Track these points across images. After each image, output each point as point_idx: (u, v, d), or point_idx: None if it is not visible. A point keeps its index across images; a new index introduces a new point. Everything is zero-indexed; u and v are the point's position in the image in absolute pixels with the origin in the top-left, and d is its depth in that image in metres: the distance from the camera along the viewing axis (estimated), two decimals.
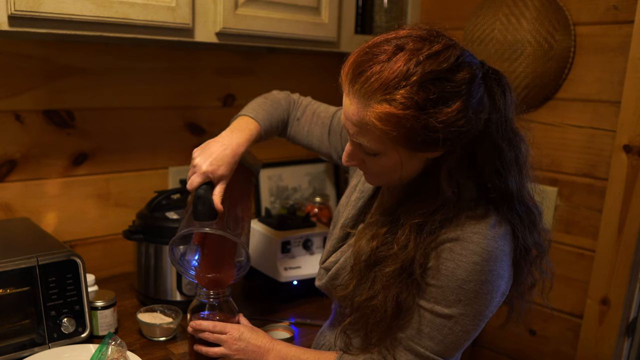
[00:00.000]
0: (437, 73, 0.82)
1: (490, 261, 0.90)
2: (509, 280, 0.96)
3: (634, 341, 1.56)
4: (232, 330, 1.11)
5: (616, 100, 1.48)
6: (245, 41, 1.46)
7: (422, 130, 0.83)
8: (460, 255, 0.91)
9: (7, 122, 1.43)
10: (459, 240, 0.91)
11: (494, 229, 0.91)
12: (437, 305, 0.93)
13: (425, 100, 0.81)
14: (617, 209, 1.48)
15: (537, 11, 1.55)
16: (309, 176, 2.08)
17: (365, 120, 0.85)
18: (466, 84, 0.83)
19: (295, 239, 1.58)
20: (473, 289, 0.91)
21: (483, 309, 0.93)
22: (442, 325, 0.93)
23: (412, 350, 0.95)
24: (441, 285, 0.92)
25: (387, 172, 0.94)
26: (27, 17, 1.10)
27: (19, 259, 1.15)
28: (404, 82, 0.81)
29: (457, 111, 0.82)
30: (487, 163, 0.91)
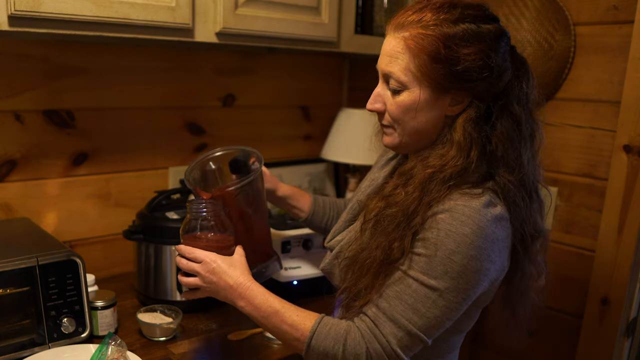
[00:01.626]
0: (469, 18, 0.93)
1: (481, 238, 0.91)
2: (500, 269, 0.96)
3: (634, 341, 1.56)
4: (206, 260, 1.03)
5: (616, 100, 1.48)
6: (245, 41, 1.46)
7: (442, 62, 0.92)
8: (450, 225, 0.91)
9: (7, 122, 1.43)
10: (450, 211, 0.92)
11: (487, 208, 0.92)
12: (424, 275, 0.92)
13: (450, 33, 0.92)
14: (617, 209, 1.48)
15: (537, 11, 1.55)
16: (309, 176, 2.08)
17: (398, 48, 0.95)
18: (491, 35, 0.94)
19: (295, 239, 1.58)
20: (461, 262, 0.91)
21: (468, 287, 0.92)
22: (426, 297, 0.92)
23: (394, 320, 0.94)
24: (429, 254, 0.92)
25: (405, 116, 0.98)
26: (27, 17, 1.10)
27: (19, 259, 1.15)
28: (438, 20, 0.93)
29: (477, 54, 0.92)
30: (502, 126, 0.95)
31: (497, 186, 0.95)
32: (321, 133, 2.05)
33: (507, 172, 0.96)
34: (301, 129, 2.06)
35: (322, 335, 0.96)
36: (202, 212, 1.08)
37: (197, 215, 1.09)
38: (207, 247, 1.06)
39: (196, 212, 1.08)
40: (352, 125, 1.89)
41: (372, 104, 1.02)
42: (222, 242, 1.08)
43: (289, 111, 2.02)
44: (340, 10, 1.64)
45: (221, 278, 1.02)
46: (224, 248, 1.08)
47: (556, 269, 1.65)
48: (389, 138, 1.04)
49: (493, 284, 0.98)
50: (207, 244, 1.07)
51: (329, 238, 1.20)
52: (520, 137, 0.97)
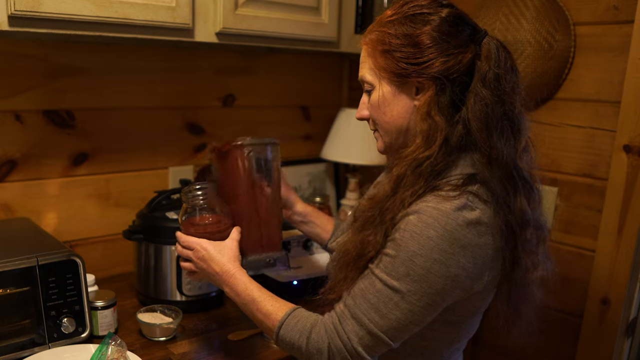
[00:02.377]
0: (419, 8, 0.98)
1: (447, 242, 0.89)
2: (477, 277, 0.94)
3: (634, 341, 1.56)
4: (197, 247, 1.09)
5: (616, 100, 1.48)
6: (245, 41, 1.46)
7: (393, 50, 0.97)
8: (416, 227, 0.90)
9: (7, 122, 1.43)
10: (419, 212, 0.91)
11: (459, 211, 0.90)
12: (387, 275, 0.92)
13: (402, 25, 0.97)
14: (617, 209, 1.48)
15: (537, 11, 1.55)
16: (309, 176, 2.08)
17: (363, 53, 1.03)
18: (440, 19, 0.96)
19: (295, 239, 1.58)
20: (423, 265, 0.90)
21: (433, 292, 0.91)
22: (388, 298, 0.92)
23: (357, 318, 0.94)
24: (394, 255, 0.92)
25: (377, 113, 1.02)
26: (27, 17, 1.10)
27: (19, 259, 1.15)
28: (394, 16, 0.99)
29: (423, 35, 0.95)
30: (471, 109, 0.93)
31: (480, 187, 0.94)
32: (321, 133, 2.05)
33: (482, 157, 0.94)
34: (301, 129, 2.06)
35: (290, 327, 0.99)
36: (195, 196, 1.12)
37: (189, 199, 1.12)
38: (201, 232, 1.10)
39: (188, 196, 1.12)
40: (352, 125, 1.89)
41: (359, 112, 1.07)
42: (215, 226, 1.11)
43: (289, 111, 2.02)
44: (340, 10, 1.64)
45: (209, 265, 1.08)
46: (217, 232, 1.11)
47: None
48: (378, 143, 1.08)
49: (472, 294, 0.96)
50: (201, 229, 1.11)
51: (332, 240, 1.21)
52: (491, 119, 0.94)
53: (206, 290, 1.44)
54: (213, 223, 1.12)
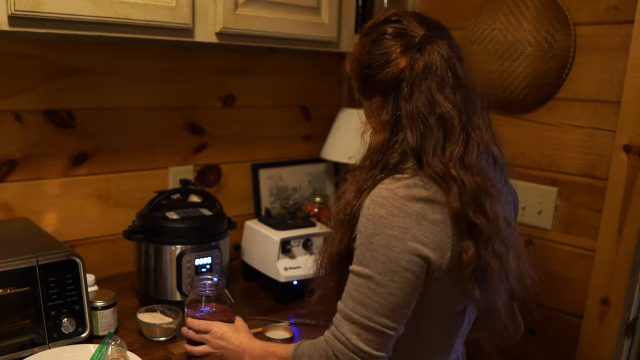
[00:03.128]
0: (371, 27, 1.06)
1: (399, 217, 0.92)
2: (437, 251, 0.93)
3: (634, 341, 1.56)
4: (215, 329, 1.17)
5: (616, 100, 1.48)
6: (245, 41, 1.46)
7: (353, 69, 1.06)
8: (369, 209, 0.94)
9: (7, 122, 1.43)
10: (371, 197, 0.95)
11: (410, 189, 0.93)
12: (359, 265, 0.95)
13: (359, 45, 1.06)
14: (617, 209, 1.48)
15: (537, 11, 1.55)
16: (309, 176, 2.08)
17: None
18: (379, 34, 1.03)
19: (295, 239, 1.58)
20: (382, 244, 0.92)
21: (399, 268, 0.92)
22: (365, 287, 0.94)
23: (349, 318, 0.96)
24: (359, 244, 0.96)
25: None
26: (27, 17, 1.10)
27: (19, 259, 1.15)
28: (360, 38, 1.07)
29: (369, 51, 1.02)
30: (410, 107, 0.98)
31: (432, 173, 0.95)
32: (321, 133, 2.05)
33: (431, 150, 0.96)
34: (301, 129, 2.06)
35: (299, 356, 1.03)
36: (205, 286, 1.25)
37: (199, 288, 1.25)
38: (208, 319, 1.21)
39: (198, 285, 1.25)
40: (352, 125, 1.89)
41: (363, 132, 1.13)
42: (220, 315, 1.23)
43: (289, 111, 2.02)
44: (340, 10, 1.64)
45: (229, 341, 1.16)
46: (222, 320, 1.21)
47: (556, 269, 1.65)
48: None
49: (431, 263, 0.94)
50: (208, 317, 1.22)
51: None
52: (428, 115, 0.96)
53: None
54: (218, 312, 1.24)
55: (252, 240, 1.66)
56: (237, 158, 1.90)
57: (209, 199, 1.57)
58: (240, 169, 1.91)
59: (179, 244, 1.41)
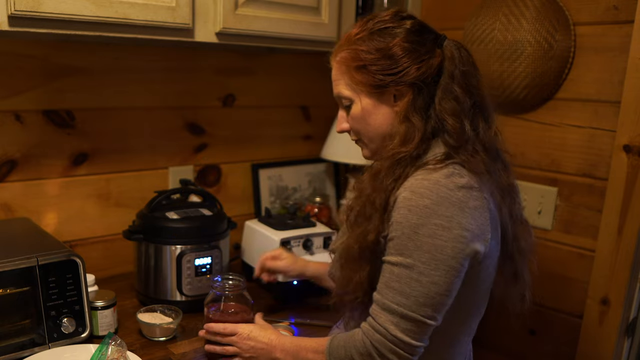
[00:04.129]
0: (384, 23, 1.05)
1: (444, 206, 0.93)
2: (481, 238, 0.97)
3: (634, 341, 1.56)
4: (242, 330, 1.16)
5: (616, 100, 1.48)
6: (245, 41, 1.46)
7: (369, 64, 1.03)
8: (410, 200, 0.95)
9: (7, 122, 1.43)
10: (410, 188, 0.96)
11: (449, 177, 0.95)
12: (399, 256, 0.95)
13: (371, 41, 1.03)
14: (617, 209, 1.48)
15: (537, 11, 1.55)
16: (309, 176, 2.08)
17: (336, 71, 1.08)
18: (403, 30, 1.03)
19: (295, 239, 1.58)
20: (428, 233, 0.93)
21: (445, 257, 0.93)
22: (407, 277, 0.95)
23: (387, 308, 0.96)
24: (399, 235, 0.96)
25: (360, 125, 1.08)
26: (27, 17, 1.10)
27: (19, 259, 1.15)
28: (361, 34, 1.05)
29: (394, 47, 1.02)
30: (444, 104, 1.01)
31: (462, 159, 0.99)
32: (321, 133, 2.05)
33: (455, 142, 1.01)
34: (301, 129, 2.06)
35: (335, 348, 1.03)
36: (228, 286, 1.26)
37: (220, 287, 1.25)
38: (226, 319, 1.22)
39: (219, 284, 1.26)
40: None
41: (338, 126, 1.14)
42: (240, 315, 1.24)
43: (289, 111, 2.02)
44: (340, 10, 1.64)
45: (257, 340, 1.15)
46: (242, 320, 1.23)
47: (556, 269, 1.65)
48: (364, 151, 1.14)
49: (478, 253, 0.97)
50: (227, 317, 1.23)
51: (332, 243, 1.23)
52: (461, 110, 1.01)
53: (206, 290, 1.44)
54: (239, 312, 1.25)
55: (252, 240, 1.66)
56: (237, 158, 1.90)
57: (209, 199, 1.57)
58: (240, 169, 1.91)
59: (179, 244, 1.41)
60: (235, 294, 1.25)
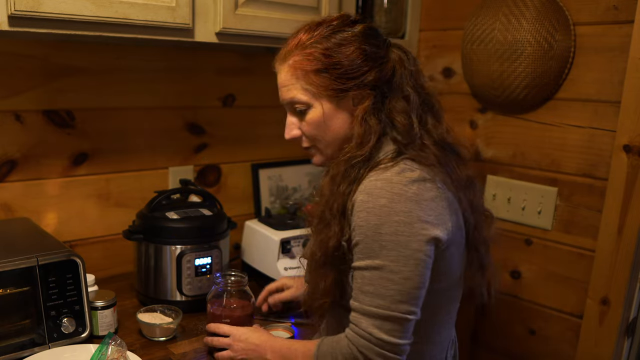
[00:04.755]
0: (336, 27, 1.04)
1: (400, 202, 0.95)
2: (443, 227, 0.98)
3: (634, 341, 1.56)
4: (235, 332, 1.18)
5: (616, 100, 1.48)
6: (245, 41, 1.46)
7: (327, 70, 1.02)
8: (367, 202, 0.96)
9: (7, 122, 1.43)
10: (365, 191, 0.97)
11: (401, 174, 0.97)
12: (367, 259, 0.96)
13: (328, 45, 1.03)
14: (617, 209, 1.48)
15: (537, 11, 1.55)
16: (309, 176, 2.08)
17: (289, 76, 1.06)
18: (360, 34, 1.04)
19: (295, 239, 1.58)
20: (390, 232, 0.94)
21: (410, 251, 0.95)
22: (379, 278, 0.95)
23: (367, 313, 0.97)
24: (362, 238, 0.96)
25: (319, 131, 1.06)
26: (27, 17, 1.10)
27: (19, 259, 1.15)
28: (313, 38, 1.04)
29: (353, 52, 1.02)
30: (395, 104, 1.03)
31: (411, 155, 1.01)
32: None
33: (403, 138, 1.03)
34: None
35: (322, 354, 1.04)
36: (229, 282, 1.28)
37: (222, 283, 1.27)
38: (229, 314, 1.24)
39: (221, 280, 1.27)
40: None
41: (288, 133, 1.11)
42: (240, 310, 1.26)
43: None
44: (340, 11, 1.64)
45: (249, 341, 1.16)
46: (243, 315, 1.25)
47: (556, 269, 1.65)
48: (316, 158, 1.13)
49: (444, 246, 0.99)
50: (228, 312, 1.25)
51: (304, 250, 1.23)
52: (410, 109, 1.04)
53: (206, 290, 1.44)
54: (241, 307, 1.26)
55: (252, 240, 1.66)
56: (237, 158, 1.90)
57: (209, 199, 1.57)
58: (240, 169, 1.91)
59: (179, 244, 1.41)
60: (237, 289, 1.27)
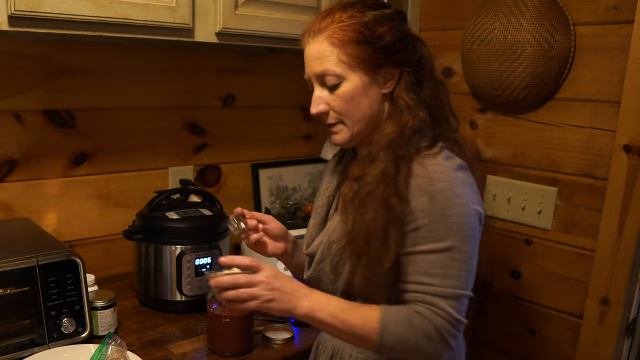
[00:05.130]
0: (371, 7, 1.04)
1: (457, 185, 0.98)
2: (482, 207, 1.03)
3: (634, 341, 1.57)
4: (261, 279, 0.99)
5: (616, 100, 1.48)
6: (245, 41, 1.46)
7: (368, 42, 1.01)
8: (428, 187, 0.97)
9: (7, 122, 1.43)
10: (421, 175, 0.99)
11: (449, 160, 1.01)
12: (435, 242, 0.97)
13: (365, 19, 1.02)
14: (617, 209, 1.48)
15: (537, 11, 1.55)
16: (309, 176, 2.08)
17: (324, 46, 1.02)
18: (395, 15, 1.06)
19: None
20: (454, 213, 0.97)
21: (472, 231, 0.99)
22: (449, 259, 0.97)
23: (440, 294, 0.97)
24: (427, 222, 0.97)
25: (350, 105, 1.04)
26: (27, 17, 1.10)
27: (19, 259, 1.15)
28: (349, 14, 1.03)
29: (393, 29, 1.02)
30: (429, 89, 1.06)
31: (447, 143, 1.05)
32: (321, 133, 2.05)
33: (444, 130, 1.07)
34: (301, 129, 2.06)
35: (392, 325, 0.98)
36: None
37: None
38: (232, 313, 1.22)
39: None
40: None
41: (315, 107, 1.07)
42: None
43: (289, 111, 2.02)
44: None
45: (285, 282, 1.00)
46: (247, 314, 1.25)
47: (556, 269, 1.65)
48: (339, 136, 1.09)
49: (482, 224, 1.04)
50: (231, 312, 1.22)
51: (305, 246, 1.19)
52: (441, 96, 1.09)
53: (206, 290, 1.44)
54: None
55: None
56: (237, 158, 1.90)
57: (209, 199, 1.57)
58: (240, 169, 1.91)
59: (179, 244, 1.41)
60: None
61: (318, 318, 0.99)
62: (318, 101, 1.07)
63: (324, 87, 1.06)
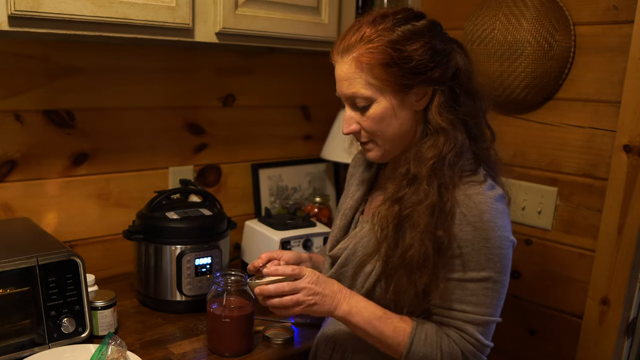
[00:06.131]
0: (402, 21, 1.01)
1: (499, 218, 0.99)
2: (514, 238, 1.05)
3: (634, 341, 1.56)
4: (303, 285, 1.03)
5: (616, 100, 1.48)
6: (245, 41, 1.46)
7: (396, 64, 0.99)
8: (472, 217, 0.98)
9: (7, 122, 1.43)
10: (466, 204, 0.99)
11: (492, 190, 1.02)
12: (473, 272, 0.99)
13: (393, 38, 0.99)
14: (617, 209, 1.48)
15: (537, 11, 1.55)
16: (309, 176, 2.08)
17: (352, 69, 1.01)
18: (427, 29, 1.02)
19: (295, 239, 1.58)
20: (495, 245, 0.99)
21: (508, 262, 1.02)
22: (485, 289, 1.00)
23: (471, 321, 1.01)
24: (468, 251, 0.99)
25: (380, 126, 1.03)
26: (27, 17, 1.10)
27: (19, 259, 1.15)
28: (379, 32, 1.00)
29: (422, 47, 1.00)
30: (466, 103, 1.04)
31: (486, 166, 1.06)
32: (321, 133, 2.05)
33: (483, 146, 1.07)
34: (301, 129, 2.06)
35: (421, 342, 1.02)
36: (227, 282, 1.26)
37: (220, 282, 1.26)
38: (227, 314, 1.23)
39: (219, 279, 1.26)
40: None
41: (347, 127, 1.07)
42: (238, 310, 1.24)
43: (289, 111, 2.02)
44: (340, 10, 1.64)
45: (325, 286, 1.05)
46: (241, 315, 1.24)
47: (556, 269, 1.65)
48: (372, 153, 1.09)
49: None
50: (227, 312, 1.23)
51: (329, 247, 1.20)
52: (478, 110, 1.06)
53: (206, 290, 1.44)
54: (241, 307, 1.25)
55: (252, 240, 1.66)
56: (237, 158, 1.90)
57: (209, 199, 1.57)
58: (240, 169, 1.91)
59: (179, 244, 1.41)
60: (237, 289, 1.26)
61: (353, 322, 1.05)
62: (349, 121, 1.07)
63: (354, 108, 1.05)
